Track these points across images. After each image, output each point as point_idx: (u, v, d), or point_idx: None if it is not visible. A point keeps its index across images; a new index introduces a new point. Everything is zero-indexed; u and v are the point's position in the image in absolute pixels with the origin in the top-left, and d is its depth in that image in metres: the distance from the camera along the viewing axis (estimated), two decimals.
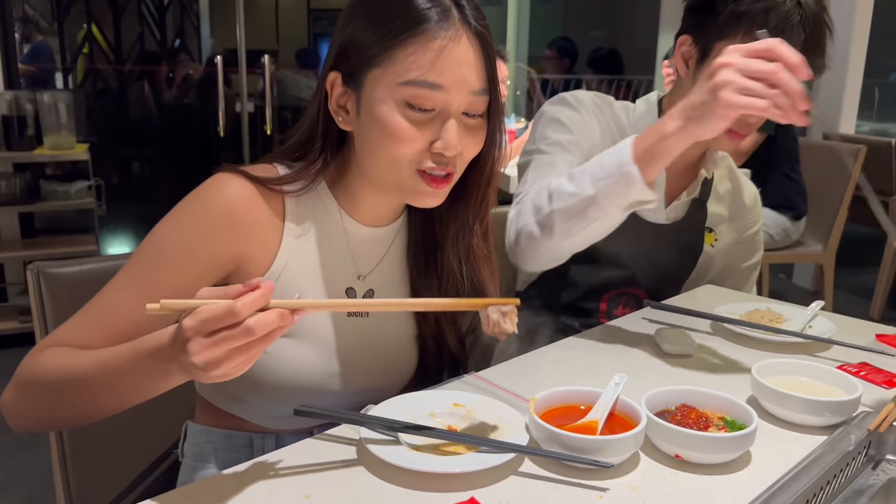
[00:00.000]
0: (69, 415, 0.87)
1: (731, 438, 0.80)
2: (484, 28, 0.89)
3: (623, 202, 1.05)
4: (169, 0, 5.07)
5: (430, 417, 0.87)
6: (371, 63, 0.87)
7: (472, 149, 0.92)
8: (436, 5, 0.86)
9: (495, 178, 0.99)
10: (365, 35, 0.88)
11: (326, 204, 0.98)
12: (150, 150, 5.14)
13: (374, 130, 0.89)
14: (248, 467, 0.78)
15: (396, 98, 0.86)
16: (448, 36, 0.85)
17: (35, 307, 1.12)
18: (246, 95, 3.73)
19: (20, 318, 3.25)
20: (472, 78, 0.87)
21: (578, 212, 1.08)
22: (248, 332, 0.67)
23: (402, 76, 0.85)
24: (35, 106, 3.22)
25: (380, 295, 1.03)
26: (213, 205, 0.90)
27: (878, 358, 1.12)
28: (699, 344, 1.16)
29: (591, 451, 0.77)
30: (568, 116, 1.34)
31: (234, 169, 0.93)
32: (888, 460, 0.88)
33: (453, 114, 0.88)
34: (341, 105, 0.93)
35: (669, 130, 1.00)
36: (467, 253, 1.02)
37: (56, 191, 3.28)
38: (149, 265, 0.89)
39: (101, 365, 0.80)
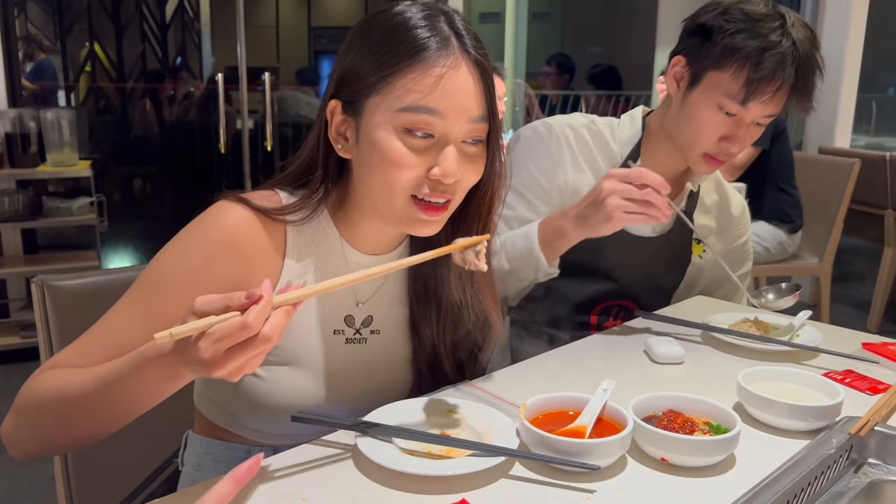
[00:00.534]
0: (71, 435, 0.87)
1: (714, 442, 0.82)
2: (483, 57, 0.90)
3: (534, 276, 1.28)
4: (171, 18, 5.14)
5: (423, 423, 0.90)
6: (371, 90, 0.88)
7: (471, 176, 0.92)
8: (435, 34, 0.87)
9: (496, 205, 0.99)
10: (365, 63, 0.89)
11: (327, 231, 0.99)
12: (151, 166, 5.18)
13: (371, 156, 0.89)
14: None
15: (395, 124, 0.87)
16: (447, 64, 0.86)
17: (39, 320, 1.13)
18: (247, 112, 3.77)
19: (22, 334, 3.27)
20: (471, 105, 0.88)
21: (504, 279, 1.29)
22: (264, 340, 0.69)
23: (400, 102, 0.86)
24: (38, 123, 3.26)
25: (378, 321, 1.03)
26: (216, 232, 0.91)
27: (863, 366, 1.15)
28: (689, 353, 1.19)
29: (579, 454, 0.80)
30: (535, 151, 1.38)
31: (237, 197, 0.93)
32: (870, 464, 0.90)
33: (452, 141, 0.88)
34: (341, 133, 0.93)
35: (567, 231, 1.22)
36: (471, 280, 1.01)
37: (58, 207, 3.31)
38: (152, 291, 0.90)
39: (101, 378, 0.80)
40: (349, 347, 1.02)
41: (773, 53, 1.19)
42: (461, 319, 1.04)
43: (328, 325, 1.00)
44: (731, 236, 1.52)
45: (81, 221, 3.33)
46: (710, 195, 1.50)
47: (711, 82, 1.25)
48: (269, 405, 0.97)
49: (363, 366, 1.03)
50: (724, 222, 1.51)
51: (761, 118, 1.26)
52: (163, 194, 5.19)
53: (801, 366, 1.15)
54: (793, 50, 1.20)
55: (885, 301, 3.81)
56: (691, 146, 1.31)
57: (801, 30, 1.22)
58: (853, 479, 0.88)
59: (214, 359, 0.69)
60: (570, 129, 1.41)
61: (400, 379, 1.08)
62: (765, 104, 1.23)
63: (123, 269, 1.22)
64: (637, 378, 1.10)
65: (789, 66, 1.19)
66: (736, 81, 1.22)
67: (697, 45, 1.27)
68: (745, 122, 1.26)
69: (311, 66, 5.81)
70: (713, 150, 1.29)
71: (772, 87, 1.21)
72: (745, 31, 1.21)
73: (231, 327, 0.68)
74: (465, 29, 0.90)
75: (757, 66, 1.19)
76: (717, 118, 1.26)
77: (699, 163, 1.32)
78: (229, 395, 1.00)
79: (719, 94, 1.24)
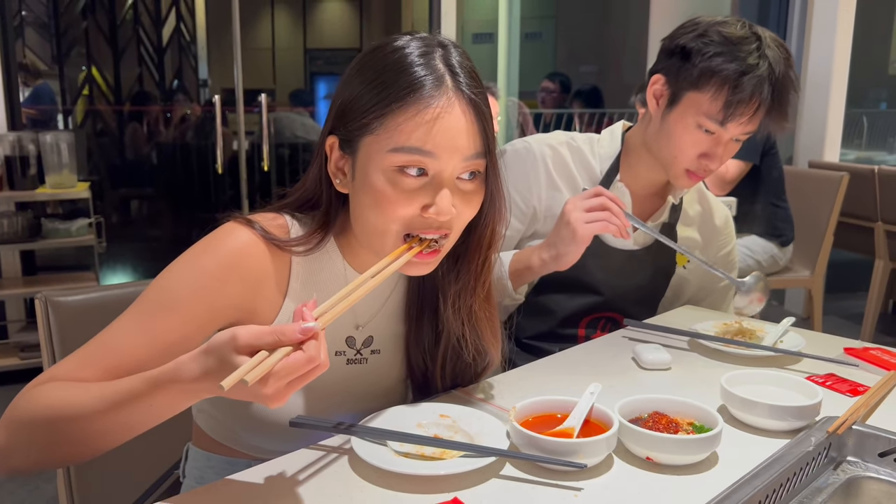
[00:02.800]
0: (66, 452, 0.85)
1: (696, 440, 0.85)
2: (477, 95, 0.89)
3: (499, 299, 1.35)
4: (167, 42, 5.21)
5: (417, 427, 0.93)
6: (365, 130, 0.89)
7: (468, 212, 0.92)
8: (430, 73, 0.87)
9: (496, 241, 0.99)
10: (360, 101, 0.89)
11: (332, 258, 1.00)
12: (149, 187, 5.22)
13: (365, 196, 0.90)
14: (245, 476, 0.84)
15: (388, 165, 0.87)
16: (440, 105, 0.86)
17: (43, 336, 1.15)
18: (243, 133, 3.81)
19: (21, 355, 3.29)
20: (464, 144, 0.87)
21: None
22: (324, 367, 0.72)
23: (393, 143, 0.86)
24: (37, 146, 3.30)
25: (378, 342, 1.05)
26: (225, 252, 0.91)
27: (844, 369, 1.18)
28: (676, 359, 1.22)
29: (566, 453, 0.83)
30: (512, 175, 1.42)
31: (245, 220, 0.94)
32: (849, 461, 0.94)
33: (446, 179, 0.88)
34: (339, 168, 0.94)
35: (534, 264, 1.32)
36: (469, 315, 1.02)
37: (57, 229, 3.34)
38: (157, 309, 0.89)
39: (109, 398, 0.78)
40: (350, 368, 1.03)
41: (752, 77, 1.23)
42: (460, 353, 1.05)
43: (329, 346, 1.00)
44: (715, 247, 1.55)
45: (80, 242, 3.36)
46: (693, 207, 1.53)
47: (690, 102, 1.29)
48: (268, 424, 0.99)
49: (362, 385, 1.05)
50: (707, 233, 1.54)
51: (739, 135, 1.31)
52: (161, 215, 5.23)
53: (785, 370, 1.18)
54: (769, 71, 1.24)
55: (877, 312, 3.85)
56: (672, 163, 1.35)
57: (776, 50, 1.26)
58: (832, 476, 0.91)
59: (277, 393, 0.70)
60: (548, 147, 1.44)
61: (397, 397, 1.10)
62: (743, 124, 1.28)
63: (126, 284, 1.24)
64: (625, 384, 1.13)
65: (766, 88, 1.23)
66: (715, 103, 1.26)
67: (676, 65, 1.31)
68: (724, 139, 1.30)
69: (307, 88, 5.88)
70: (693, 166, 1.33)
71: (750, 107, 1.25)
72: (722, 54, 1.25)
73: (297, 364, 0.69)
74: (460, 66, 0.90)
75: (735, 88, 1.23)
76: (696, 136, 1.30)
77: (681, 178, 1.36)
78: (229, 413, 1.02)
79: (698, 115, 1.28)
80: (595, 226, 1.24)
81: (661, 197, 1.46)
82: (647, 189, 1.45)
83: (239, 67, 3.67)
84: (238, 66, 3.67)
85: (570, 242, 1.25)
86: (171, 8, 5.22)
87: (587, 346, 1.31)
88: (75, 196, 3.36)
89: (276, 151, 4.48)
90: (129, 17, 5.14)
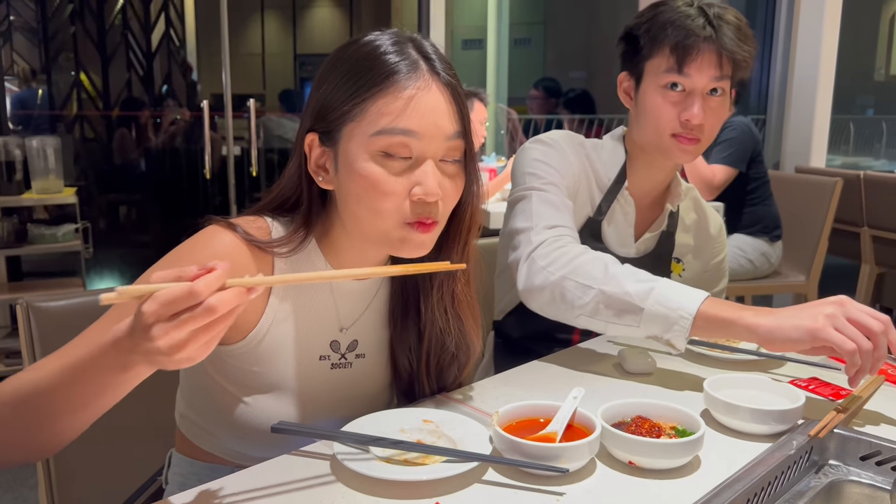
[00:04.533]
0: (29, 439, 0.82)
1: (678, 444, 0.86)
2: (452, 77, 0.92)
3: (657, 333, 1.11)
4: (156, 47, 5.19)
5: (400, 433, 0.93)
6: (345, 119, 0.90)
7: (452, 196, 0.94)
8: (404, 59, 0.90)
9: (476, 225, 1.01)
10: (338, 93, 0.91)
11: (314, 259, 1.00)
12: (137, 193, 5.20)
13: (353, 184, 0.90)
14: (227, 482, 0.83)
15: (372, 149, 0.89)
16: (418, 86, 0.88)
17: (25, 343, 1.14)
18: (232, 139, 3.81)
19: (6, 361, 3.27)
20: (445, 124, 0.90)
21: (619, 309, 1.13)
22: (210, 310, 0.67)
23: (375, 126, 0.88)
24: (23, 151, 3.28)
25: (363, 346, 1.05)
26: (206, 256, 0.88)
27: (827, 373, 1.19)
28: (660, 363, 1.22)
29: (549, 458, 0.83)
30: (551, 156, 1.40)
31: (227, 223, 0.94)
32: (830, 465, 0.94)
33: (430, 163, 0.90)
34: (320, 165, 0.94)
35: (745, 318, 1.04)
36: (452, 301, 1.03)
37: (43, 234, 3.33)
38: None
39: (60, 369, 0.77)
40: (334, 372, 1.03)
41: (685, 16, 1.29)
42: (444, 343, 1.05)
43: (313, 350, 1.01)
44: (709, 254, 1.56)
45: (66, 248, 3.34)
46: (689, 214, 1.54)
47: (650, 72, 1.35)
48: (252, 430, 0.98)
49: (347, 390, 1.04)
50: (702, 241, 1.55)
51: (709, 83, 1.30)
52: (148, 221, 5.21)
53: (768, 374, 1.19)
54: (702, 11, 1.30)
55: None
56: (658, 137, 1.35)
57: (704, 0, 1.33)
58: (814, 480, 0.91)
59: (160, 330, 0.67)
60: (569, 145, 1.44)
61: (382, 402, 1.10)
62: (699, 66, 1.29)
63: (108, 290, 1.23)
64: (609, 388, 1.13)
65: (704, 23, 1.28)
66: (667, 57, 1.31)
67: (630, 52, 1.38)
68: (696, 91, 1.30)
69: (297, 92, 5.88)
70: (677, 128, 1.33)
71: (697, 43, 1.28)
72: (656, 16, 1.33)
73: (178, 291, 0.66)
74: (433, 53, 0.93)
75: (675, 31, 1.29)
76: (666, 97, 1.32)
77: (672, 148, 1.34)
78: (212, 418, 1.01)
79: (659, 76, 1.32)
80: (848, 343, 0.96)
81: (660, 206, 1.48)
82: (648, 197, 1.46)
83: (227, 72, 3.67)
84: (226, 71, 3.66)
85: (806, 323, 0.99)
86: (160, 13, 5.21)
87: (572, 350, 1.32)
88: (62, 201, 3.35)
89: (265, 156, 4.48)
90: (117, 22, 5.12)
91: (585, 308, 1.16)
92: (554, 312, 1.22)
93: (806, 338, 0.99)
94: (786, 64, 4.40)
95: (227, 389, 0.98)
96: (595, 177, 1.45)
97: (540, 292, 1.21)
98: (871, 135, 6.92)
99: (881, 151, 6.84)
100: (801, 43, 4.27)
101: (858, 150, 6.77)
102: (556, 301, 1.19)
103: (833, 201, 3.32)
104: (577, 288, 1.16)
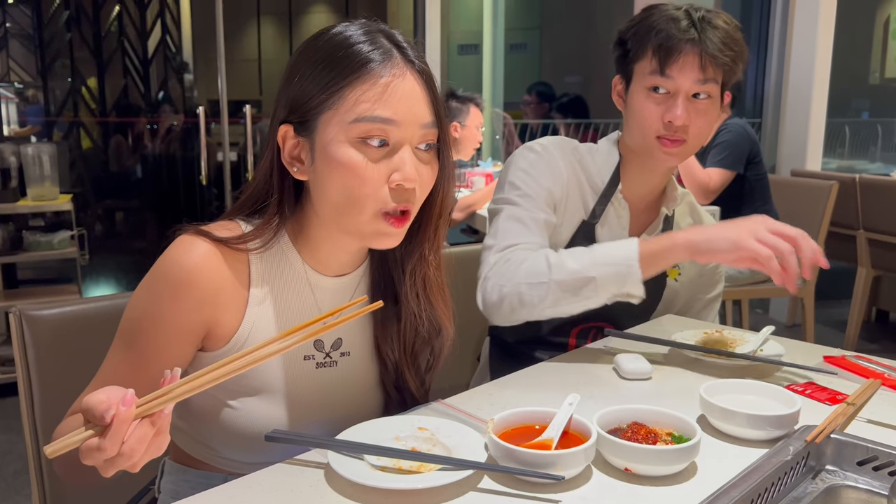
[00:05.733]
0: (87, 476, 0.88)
1: (674, 451, 0.85)
2: (425, 65, 0.94)
3: (616, 291, 1.22)
4: (153, 53, 5.20)
5: (395, 441, 0.92)
6: (321, 108, 0.90)
7: (428, 182, 0.95)
8: (377, 48, 0.91)
9: (446, 209, 1.02)
10: (312, 84, 0.91)
11: (290, 259, 1.00)
12: (133, 199, 5.20)
13: (330, 172, 0.91)
14: (220, 491, 0.83)
15: (349, 137, 0.89)
16: (393, 73, 0.90)
17: (18, 352, 1.13)
18: (228, 145, 3.80)
19: (2, 369, 3.25)
20: (421, 111, 0.91)
21: (574, 288, 1.22)
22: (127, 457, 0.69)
23: (353, 114, 0.88)
24: (19, 158, 3.28)
25: (347, 344, 1.05)
26: (177, 271, 0.91)
27: (823, 378, 1.19)
28: (656, 368, 1.22)
29: (544, 465, 0.82)
30: (535, 165, 1.41)
31: (196, 230, 0.94)
32: (827, 470, 0.93)
33: (407, 149, 0.91)
34: (294, 156, 0.94)
35: (678, 239, 1.20)
36: (423, 285, 1.04)
37: (39, 241, 3.32)
38: (131, 342, 0.92)
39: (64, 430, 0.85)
40: (320, 372, 1.02)
41: (670, 19, 1.31)
42: (417, 329, 1.06)
43: (297, 350, 1.00)
44: None
45: (62, 255, 3.33)
46: (684, 219, 1.54)
47: (637, 74, 1.36)
48: (242, 435, 0.98)
49: (334, 390, 1.04)
50: None
51: (693, 86, 1.31)
52: (144, 227, 5.20)
53: (764, 379, 1.18)
54: (688, 14, 1.31)
55: (860, 320, 3.88)
56: (643, 139, 1.36)
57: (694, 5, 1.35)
58: (811, 485, 0.91)
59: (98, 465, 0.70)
60: (560, 151, 1.44)
61: (371, 400, 1.09)
62: (681, 68, 1.29)
63: (102, 297, 1.23)
64: (605, 394, 1.13)
65: (688, 26, 1.30)
66: (650, 59, 1.32)
67: (621, 56, 1.40)
68: (680, 94, 1.31)
69: None
70: (660, 130, 1.33)
71: (679, 46, 1.29)
72: (644, 19, 1.35)
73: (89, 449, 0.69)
74: (405, 41, 0.94)
75: (658, 34, 1.30)
76: (651, 99, 1.33)
77: (656, 150, 1.35)
78: (202, 427, 1.01)
79: (644, 78, 1.34)
80: (764, 250, 1.11)
81: (655, 210, 1.48)
82: (643, 201, 1.46)
83: (223, 79, 3.66)
84: (222, 77, 3.66)
85: (736, 235, 1.14)
86: (156, 19, 5.22)
87: (569, 356, 1.31)
88: (57, 208, 3.34)
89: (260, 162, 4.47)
90: (114, 29, 5.13)
91: (545, 301, 1.23)
92: (520, 318, 1.28)
93: (731, 248, 1.14)
94: (781, 67, 4.41)
95: (216, 396, 0.97)
96: (589, 181, 1.45)
97: (499, 307, 1.28)
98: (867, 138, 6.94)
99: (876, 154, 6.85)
100: (795, 46, 4.28)
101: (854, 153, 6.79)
102: (517, 308, 1.26)
103: (829, 204, 3.32)
104: (531, 288, 1.24)
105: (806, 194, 3.47)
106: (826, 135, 4.39)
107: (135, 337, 0.93)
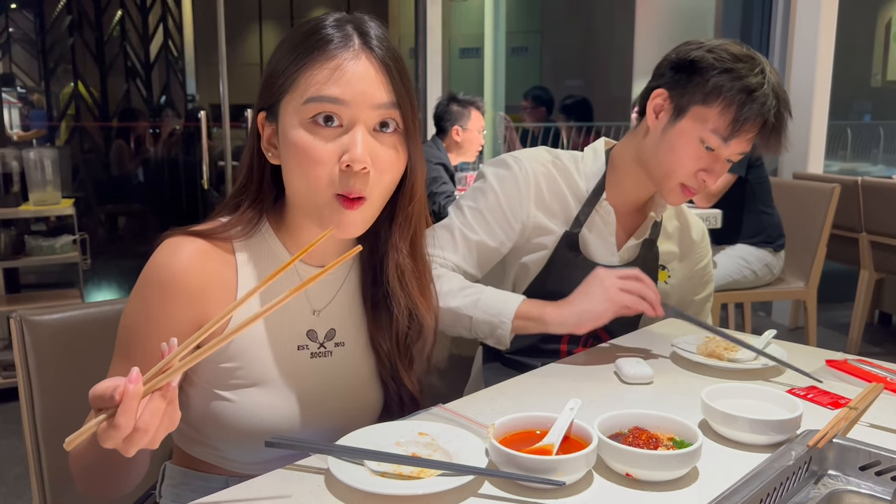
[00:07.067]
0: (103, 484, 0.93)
1: (675, 456, 0.85)
2: (386, 52, 0.93)
3: (486, 336, 1.33)
4: (155, 58, 5.21)
5: (395, 446, 0.92)
6: (282, 92, 0.92)
7: (389, 168, 0.93)
8: (339, 32, 0.91)
9: (417, 196, 1.01)
10: (277, 69, 0.93)
11: (275, 250, 1.00)
12: (135, 203, 5.20)
13: (288, 154, 0.92)
14: (220, 497, 0.82)
15: (302, 118, 0.90)
16: (345, 56, 0.90)
17: (19, 357, 1.13)
18: (229, 149, 3.81)
19: (4, 374, 3.25)
20: (373, 92, 0.90)
21: (453, 321, 1.34)
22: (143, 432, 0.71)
23: (304, 95, 0.90)
24: (21, 163, 3.28)
25: (341, 333, 1.05)
26: (164, 274, 0.93)
27: (825, 381, 1.18)
28: (657, 373, 1.21)
29: (545, 470, 0.82)
30: (504, 181, 1.41)
31: (181, 230, 0.96)
32: (830, 475, 0.93)
33: (360, 130, 0.90)
34: (271, 142, 0.96)
35: (549, 316, 1.29)
36: (401, 273, 1.03)
37: (41, 246, 3.32)
38: (127, 349, 0.95)
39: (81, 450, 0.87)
40: (315, 362, 1.02)
41: (760, 95, 1.25)
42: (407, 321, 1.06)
43: (291, 340, 1.00)
44: (692, 260, 1.56)
45: (64, 260, 3.34)
46: (671, 222, 1.54)
47: (696, 117, 1.29)
48: (242, 429, 0.98)
49: (332, 381, 1.04)
50: (685, 247, 1.55)
51: (734, 155, 1.31)
52: (146, 231, 5.21)
53: (766, 383, 1.18)
54: (773, 93, 1.26)
55: (863, 323, 3.87)
56: (668, 176, 1.34)
57: (775, 74, 1.29)
58: (813, 490, 0.91)
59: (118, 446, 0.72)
60: (540, 166, 1.43)
61: (371, 393, 1.09)
62: (744, 143, 1.29)
63: (102, 302, 1.23)
64: (606, 398, 1.13)
65: (772, 108, 1.26)
66: (723, 119, 1.26)
67: (684, 80, 1.31)
68: (722, 157, 1.31)
69: None
70: (690, 181, 1.33)
71: (755, 126, 1.27)
72: (732, 70, 1.26)
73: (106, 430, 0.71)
74: (373, 32, 0.93)
75: (743, 106, 1.25)
76: (698, 151, 1.30)
77: (674, 192, 1.35)
78: (203, 423, 1.01)
79: (704, 130, 1.28)
80: (627, 297, 1.25)
81: (643, 213, 1.47)
82: (630, 206, 1.45)
83: (225, 83, 3.67)
84: (224, 81, 3.67)
85: (601, 301, 1.25)
86: (158, 24, 5.23)
87: (568, 361, 1.31)
88: (59, 213, 3.34)
89: None
90: (116, 34, 5.14)
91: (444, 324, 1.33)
92: None
93: (611, 308, 1.25)
94: (782, 70, 4.41)
95: (214, 391, 0.98)
96: (571, 189, 1.44)
97: None
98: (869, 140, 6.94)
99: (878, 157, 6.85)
100: (797, 49, 4.28)
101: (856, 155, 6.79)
102: None
103: (831, 207, 3.32)
104: None
105: (808, 197, 3.47)
106: (828, 137, 4.38)
107: (131, 344, 0.94)
